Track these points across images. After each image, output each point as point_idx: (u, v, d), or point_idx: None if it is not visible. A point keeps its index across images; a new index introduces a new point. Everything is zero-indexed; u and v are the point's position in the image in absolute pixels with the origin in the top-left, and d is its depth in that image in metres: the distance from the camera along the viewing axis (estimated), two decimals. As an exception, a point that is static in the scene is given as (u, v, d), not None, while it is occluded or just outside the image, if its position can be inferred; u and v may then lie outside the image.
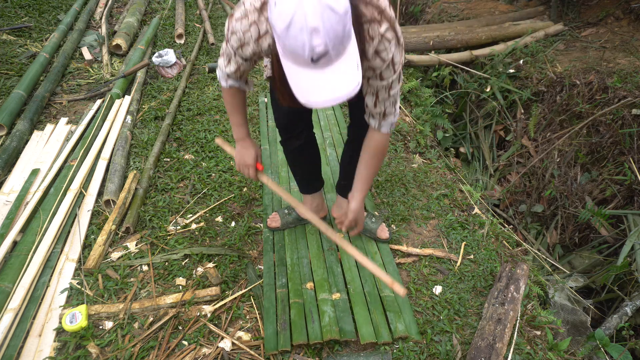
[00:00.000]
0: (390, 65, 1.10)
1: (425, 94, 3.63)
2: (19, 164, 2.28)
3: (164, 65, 3.28)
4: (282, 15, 0.81)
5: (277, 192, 1.55)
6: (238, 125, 1.46)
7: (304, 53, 0.83)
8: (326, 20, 0.79)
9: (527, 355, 1.49)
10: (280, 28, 0.82)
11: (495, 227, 2.15)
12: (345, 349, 1.45)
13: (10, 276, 1.61)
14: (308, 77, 0.89)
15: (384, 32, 1.03)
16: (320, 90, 0.89)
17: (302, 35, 0.80)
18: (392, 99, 1.20)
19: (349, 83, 0.89)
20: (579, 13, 4.67)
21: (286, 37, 0.83)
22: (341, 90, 0.89)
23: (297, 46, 0.83)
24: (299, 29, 0.80)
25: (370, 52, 1.06)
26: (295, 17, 0.79)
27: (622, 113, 2.98)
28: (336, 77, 0.88)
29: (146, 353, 1.41)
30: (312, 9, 0.78)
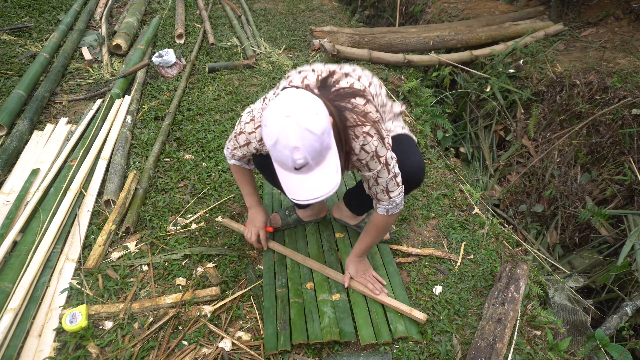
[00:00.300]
0: (374, 157, 1.26)
1: (425, 94, 3.63)
2: (19, 164, 2.27)
3: (164, 65, 3.28)
4: (270, 135, 1.02)
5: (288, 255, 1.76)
6: (248, 195, 1.69)
7: (288, 164, 1.04)
8: (305, 140, 1.00)
9: (527, 355, 1.49)
10: (269, 144, 1.04)
11: (495, 227, 2.15)
12: (345, 349, 1.45)
13: (10, 276, 1.61)
14: (293, 179, 1.09)
15: (367, 130, 1.22)
16: (303, 190, 1.09)
17: (286, 151, 1.01)
18: (380, 187, 1.36)
19: (327, 185, 1.08)
20: (579, 13, 4.67)
21: (274, 151, 1.04)
22: (320, 191, 1.08)
23: (282, 158, 1.04)
24: (283, 146, 1.01)
25: (357, 147, 1.24)
26: (280, 137, 1.00)
27: (622, 113, 2.98)
28: (317, 180, 1.08)
29: (146, 353, 1.41)
30: (293, 132, 0.99)
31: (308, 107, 1.02)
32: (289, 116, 1.00)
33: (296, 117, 1.00)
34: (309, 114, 1.01)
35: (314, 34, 4.16)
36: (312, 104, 1.04)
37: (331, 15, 5.42)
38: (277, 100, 1.05)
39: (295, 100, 1.03)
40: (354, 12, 6.66)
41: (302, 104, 1.02)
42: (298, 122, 0.99)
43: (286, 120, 1.00)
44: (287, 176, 1.10)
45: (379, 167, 1.29)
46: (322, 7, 5.69)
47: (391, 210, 1.41)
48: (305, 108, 1.02)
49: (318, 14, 5.39)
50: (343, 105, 1.21)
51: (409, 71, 3.92)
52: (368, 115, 1.23)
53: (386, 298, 1.56)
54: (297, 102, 1.03)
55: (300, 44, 4.30)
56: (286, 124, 0.99)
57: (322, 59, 3.78)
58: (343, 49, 3.62)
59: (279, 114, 1.01)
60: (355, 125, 1.21)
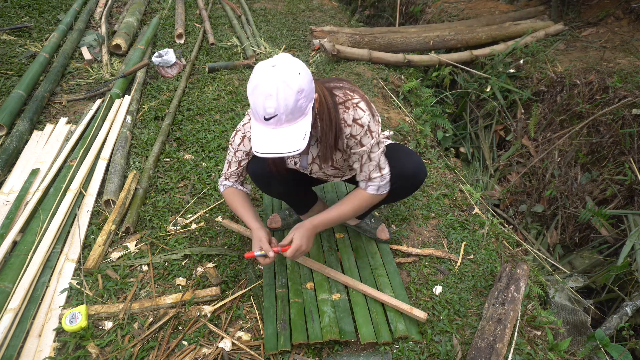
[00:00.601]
0: (367, 132, 1.31)
1: (425, 94, 3.63)
2: (18, 164, 2.27)
3: (164, 65, 3.28)
4: (252, 80, 1.11)
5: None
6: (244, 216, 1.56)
7: (260, 111, 1.11)
8: (280, 91, 1.07)
9: (528, 355, 1.49)
10: (249, 90, 1.12)
11: (495, 227, 2.15)
12: (345, 349, 1.45)
13: (10, 276, 1.60)
14: (261, 131, 1.15)
15: (357, 102, 1.29)
16: (267, 143, 1.14)
17: (261, 97, 1.09)
18: (373, 162, 1.39)
19: (290, 145, 1.13)
20: (579, 13, 4.66)
21: (251, 97, 1.12)
22: (282, 148, 1.13)
23: (256, 105, 1.11)
24: (260, 92, 1.09)
25: (349, 119, 1.28)
26: (259, 82, 1.09)
27: (623, 113, 2.98)
28: (282, 138, 1.13)
29: (146, 353, 1.41)
30: (272, 80, 1.07)
31: (294, 66, 1.11)
32: (274, 66, 1.09)
33: (279, 69, 1.09)
34: (292, 71, 1.10)
35: (314, 33, 4.16)
36: (299, 66, 1.12)
37: (331, 15, 5.42)
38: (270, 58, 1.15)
39: (284, 58, 1.13)
40: (354, 12, 6.66)
41: (290, 62, 1.12)
42: (279, 73, 1.08)
43: (270, 69, 1.09)
44: (256, 127, 1.17)
45: (372, 142, 1.34)
46: (322, 7, 5.69)
47: (382, 188, 1.44)
48: (290, 65, 1.11)
49: (318, 14, 5.39)
50: (333, 85, 1.32)
51: (409, 71, 3.91)
52: (356, 90, 1.33)
53: (386, 297, 1.55)
54: (286, 59, 1.12)
55: (300, 43, 4.30)
56: (269, 72, 1.09)
57: (322, 59, 3.78)
58: (343, 49, 3.62)
59: (266, 64, 1.11)
60: (345, 100, 1.29)
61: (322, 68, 3.63)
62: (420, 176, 1.50)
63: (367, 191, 1.44)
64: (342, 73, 3.50)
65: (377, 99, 3.21)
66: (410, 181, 1.50)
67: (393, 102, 3.34)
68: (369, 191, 1.44)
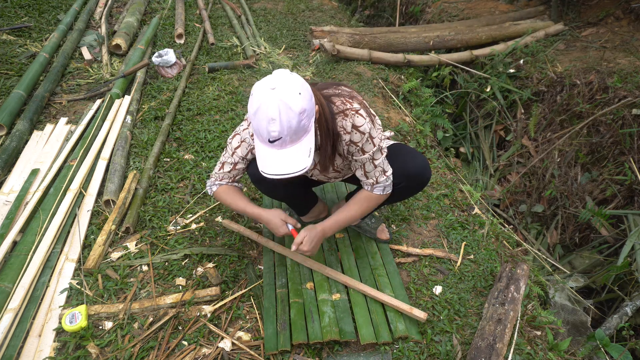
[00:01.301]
0: (369, 139, 1.32)
1: (425, 94, 3.63)
2: (18, 164, 2.27)
3: (164, 65, 3.28)
4: (253, 103, 1.10)
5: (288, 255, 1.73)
6: (246, 208, 1.55)
7: (264, 134, 1.11)
8: (283, 114, 1.07)
9: (528, 355, 1.49)
10: (250, 112, 1.12)
11: (495, 227, 2.15)
12: (345, 349, 1.45)
13: (10, 276, 1.60)
14: (266, 152, 1.16)
15: (357, 110, 1.28)
16: (273, 164, 1.15)
17: (263, 121, 1.09)
18: (378, 169, 1.40)
19: (297, 165, 1.14)
20: (579, 13, 4.66)
21: (254, 120, 1.12)
22: (289, 169, 1.14)
23: (259, 128, 1.11)
24: (262, 116, 1.09)
25: (348, 126, 1.28)
26: (261, 106, 1.08)
27: (623, 113, 2.98)
28: (287, 158, 1.14)
29: (146, 353, 1.41)
30: (273, 104, 1.07)
31: (293, 85, 1.10)
32: (274, 89, 1.08)
33: (280, 91, 1.07)
34: (293, 92, 1.09)
35: (314, 33, 4.16)
36: (299, 85, 1.11)
37: (331, 15, 5.42)
38: (269, 76, 1.13)
39: (283, 77, 1.11)
40: (354, 12, 6.66)
41: (289, 82, 1.10)
42: (280, 96, 1.07)
43: (270, 92, 1.08)
44: (261, 148, 1.17)
45: (374, 149, 1.35)
46: (322, 7, 5.69)
47: (387, 188, 1.46)
48: (290, 86, 1.09)
49: (318, 14, 5.39)
50: (331, 92, 1.31)
51: (409, 71, 3.91)
52: (355, 97, 1.33)
53: (386, 297, 1.55)
54: (285, 79, 1.10)
55: (300, 44, 4.30)
56: (269, 95, 1.07)
57: (322, 59, 3.78)
58: (343, 49, 3.62)
59: (266, 86, 1.09)
60: (344, 108, 1.28)
61: (322, 68, 3.63)
62: (426, 175, 1.52)
63: (373, 192, 1.46)
64: (342, 73, 3.50)
65: (377, 99, 3.21)
66: (416, 181, 1.52)
67: (393, 102, 3.34)
68: (375, 192, 1.46)
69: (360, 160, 1.38)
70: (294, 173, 1.14)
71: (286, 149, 1.14)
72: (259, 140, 1.16)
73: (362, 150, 1.34)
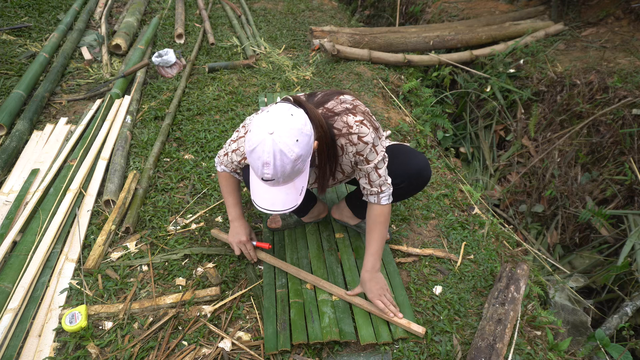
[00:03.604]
0: (372, 149, 1.33)
1: (425, 94, 3.63)
2: (18, 164, 2.27)
3: (164, 65, 3.28)
4: (250, 142, 1.10)
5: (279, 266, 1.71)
6: (232, 206, 1.64)
7: (257, 173, 1.13)
8: (277, 160, 1.08)
9: (528, 355, 1.49)
10: (247, 149, 1.12)
11: (495, 227, 2.15)
12: (345, 349, 1.45)
13: (10, 276, 1.60)
14: (259, 185, 1.20)
15: (361, 120, 1.28)
16: (265, 199, 1.19)
17: (258, 162, 1.10)
18: (382, 178, 1.41)
19: (286, 203, 1.18)
20: (579, 13, 4.66)
21: (249, 157, 1.12)
22: (278, 206, 1.18)
23: (254, 166, 1.13)
24: (257, 157, 1.09)
25: (354, 138, 1.28)
26: (257, 148, 1.08)
27: (623, 113, 2.98)
28: (278, 196, 1.18)
29: (146, 353, 1.41)
30: (269, 149, 1.07)
31: (292, 132, 1.08)
32: (272, 133, 1.07)
33: (277, 137, 1.07)
34: (290, 139, 1.08)
35: (314, 33, 4.16)
36: (297, 130, 1.09)
37: (331, 15, 5.42)
38: (270, 112, 1.12)
39: (282, 120, 1.09)
40: (354, 12, 6.66)
41: (287, 127, 1.08)
42: (277, 142, 1.07)
43: (267, 137, 1.07)
44: (255, 180, 1.21)
45: (378, 158, 1.36)
46: (322, 7, 5.69)
47: (390, 197, 1.47)
48: (288, 132, 1.08)
49: (318, 14, 5.39)
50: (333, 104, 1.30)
51: (409, 71, 3.91)
52: (357, 107, 1.32)
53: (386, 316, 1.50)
54: (283, 123, 1.08)
55: (300, 43, 4.30)
56: (266, 140, 1.07)
57: (322, 59, 3.78)
58: (343, 49, 3.62)
59: (264, 128, 1.08)
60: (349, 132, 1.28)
61: (322, 68, 3.63)
62: (427, 175, 1.53)
63: (382, 203, 1.46)
64: (342, 73, 3.50)
65: (377, 99, 3.21)
66: (417, 180, 1.53)
67: (393, 102, 3.34)
68: (383, 202, 1.46)
69: (364, 170, 1.39)
70: (283, 211, 1.18)
71: (278, 187, 1.17)
72: (254, 172, 1.18)
73: (366, 160, 1.35)
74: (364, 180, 1.42)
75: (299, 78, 3.46)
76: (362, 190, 1.47)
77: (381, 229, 1.48)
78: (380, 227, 1.48)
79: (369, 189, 1.44)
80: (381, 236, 1.49)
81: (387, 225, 1.52)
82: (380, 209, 1.46)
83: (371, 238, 1.50)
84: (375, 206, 1.47)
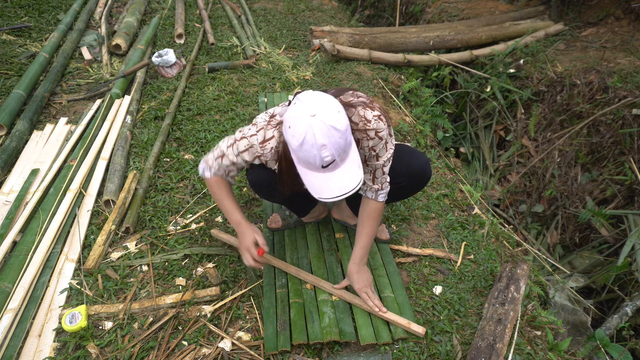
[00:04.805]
0: (384, 146, 1.33)
1: (425, 94, 3.63)
2: (18, 164, 2.27)
3: (164, 65, 3.28)
4: (296, 135, 1.06)
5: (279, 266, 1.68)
6: (231, 212, 1.50)
7: (316, 162, 1.08)
8: (331, 137, 1.04)
9: (528, 355, 1.49)
10: (295, 145, 1.07)
11: (495, 227, 2.15)
12: (345, 349, 1.45)
13: (10, 276, 1.60)
14: (319, 179, 1.13)
15: (379, 115, 1.28)
16: (331, 188, 1.12)
17: (313, 150, 1.05)
18: (385, 176, 1.42)
19: (353, 180, 1.12)
20: (580, 13, 4.66)
21: (300, 151, 1.08)
22: (347, 187, 1.11)
23: (309, 158, 1.07)
24: (311, 145, 1.05)
25: (372, 133, 1.28)
26: (307, 136, 1.04)
27: (623, 113, 2.98)
28: (343, 177, 1.12)
29: (146, 353, 1.41)
30: (319, 130, 1.03)
31: (330, 105, 1.07)
32: (314, 115, 1.04)
33: (321, 116, 1.04)
34: (332, 112, 1.06)
35: (314, 33, 4.16)
36: (333, 103, 1.09)
37: (331, 15, 5.42)
38: (297, 103, 1.09)
39: (317, 100, 1.08)
40: (354, 12, 6.66)
41: (324, 103, 1.07)
42: (323, 120, 1.04)
43: (312, 119, 1.04)
44: (313, 176, 1.13)
45: (387, 156, 1.37)
46: (322, 7, 5.69)
47: (387, 195, 1.47)
48: (328, 106, 1.07)
49: (318, 14, 5.39)
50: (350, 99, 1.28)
51: (409, 71, 3.91)
52: (374, 102, 1.33)
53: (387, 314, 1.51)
54: (319, 102, 1.07)
55: (300, 43, 4.30)
56: (313, 123, 1.04)
57: (322, 59, 3.78)
58: (343, 49, 3.62)
59: (304, 114, 1.05)
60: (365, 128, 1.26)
61: (322, 68, 3.63)
62: (427, 174, 1.54)
63: (379, 200, 1.46)
64: (342, 73, 3.50)
65: (377, 99, 3.21)
66: (418, 179, 1.54)
67: (393, 102, 3.34)
68: (380, 199, 1.46)
69: (372, 166, 1.39)
70: (352, 189, 1.11)
71: (339, 168, 1.12)
72: (308, 169, 1.13)
73: (377, 157, 1.35)
74: (368, 176, 1.42)
75: (299, 78, 3.46)
76: (362, 185, 1.46)
77: (373, 224, 1.50)
78: (373, 222, 1.49)
79: (370, 185, 1.44)
80: (372, 231, 1.51)
81: (379, 222, 1.53)
82: (375, 205, 1.47)
83: (363, 232, 1.50)
84: (372, 202, 1.47)
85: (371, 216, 1.49)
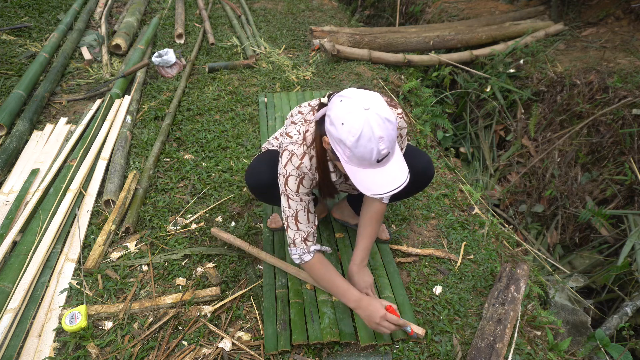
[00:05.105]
0: (401, 144, 1.34)
1: (425, 94, 3.63)
2: (18, 164, 2.27)
3: (164, 65, 3.28)
4: (352, 130, 1.03)
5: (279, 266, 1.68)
6: (346, 289, 1.38)
7: (372, 157, 1.05)
8: (386, 129, 1.03)
9: (528, 355, 1.49)
10: (350, 141, 1.04)
11: (495, 227, 2.15)
12: (345, 349, 1.45)
13: (10, 276, 1.60)
14: (371, 175, 1.10)
15: (401, 113, 1.30)
16: (381, 184, 1.10)
17: (371, 143, 1.03)
18: None
19: (402, 170, 1.12)
20: (580, 13, 4.67)
21: (356, 147, 1.04)
22: (400, 178, 1.11)
23: (366, 152, 1.04)
24: (368, 139, 1.02)
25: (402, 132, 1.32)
26: (364, 130, 1.02)
27: (623, 113, 2.98)
28: (393, 170, 1.11)
29: (146, 353, 1.41)
30: (376, 123, 1.02)
31: (379, 98, 1.07)
32: (368, 109, 1.03)
33: (375, 109, 1.03)
34: (383, 104, 1.06)
35: (314, 33, 4.16)
36: (380, 96, 1.09)
37: (331, 15, 5.42)
38: (345, 100, 1.06)
39: (365, 95, 1.06)
40: (354, 12, 6.66)
41: (373, 97, 1.06)
42: (378, 113, 1.03)
43: (367, 113, 1.02)
44: (364, 173, 1.11)
45: None
46: (322, 7, 5.69)
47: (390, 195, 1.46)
48: (378, 99, 1.06)
49: (318, 14, 5.39)
50: None
51: (409, 71, 3.91)
52: (393, 100, 1.35)
53: None
54: (368, 96, 1.06)
55: (300, 43, 4.30)
56: (368, 116, 1.02)
57: (322, 59, 3.78)
58: (343, 49, 3.62)
59: (357, 108, 1.03)
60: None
61: (322, 68, 3.63)
62: (430, 174, 1.54)
63: (383, 201, 1.47)
64: (342, 73, 3.50)
65: (377, 99, 3.21)
66: (420, 179, 1.54)
67: (393, 102, 3.34)
68: (384, 200, 1.47)
69: None
70: (404, 182, 1.10)
71: (390, 161, 1.11)
72: (360, 166, 1.09)
73: None
74: None
75: (299, 78, 3.45)
76: None
77: (375, 226, 1.50)
78: (375, 224, 1.49)
79: None
80: (374, 232, 1.50)
81: (381, 223, 1.52)
82: (380, 206, 1.47)
83: (365, 233, 1.49)
84: (376, 203, 1.47)
85: (374, 218, 1.48)
